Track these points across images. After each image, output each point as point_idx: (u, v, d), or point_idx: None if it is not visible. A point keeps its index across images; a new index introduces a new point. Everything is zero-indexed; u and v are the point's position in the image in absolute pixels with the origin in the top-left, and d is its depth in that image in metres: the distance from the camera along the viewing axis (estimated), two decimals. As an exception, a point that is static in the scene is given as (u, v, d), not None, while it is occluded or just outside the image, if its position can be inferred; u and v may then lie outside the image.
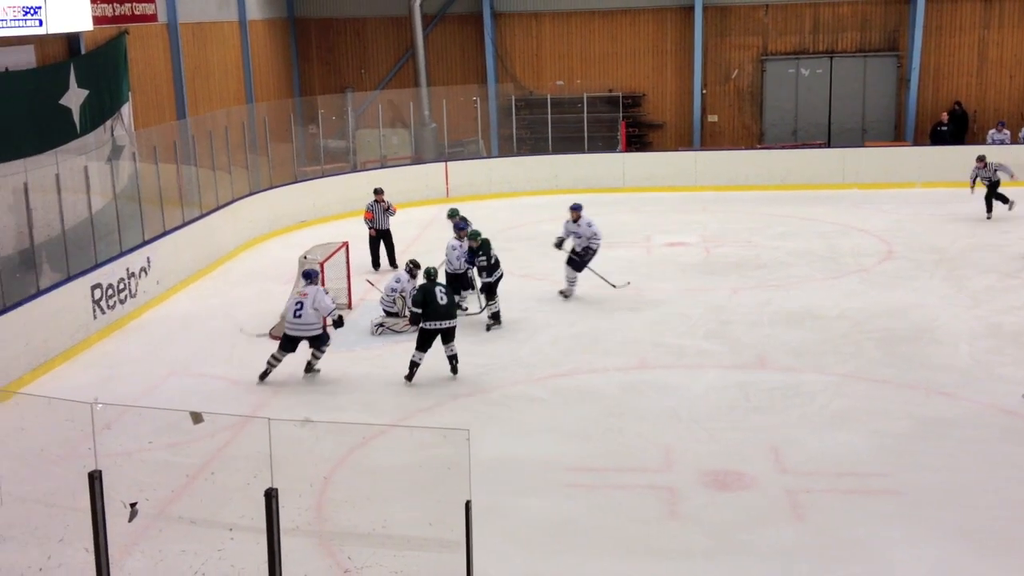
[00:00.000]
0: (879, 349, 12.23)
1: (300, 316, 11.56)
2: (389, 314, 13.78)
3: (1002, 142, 22.45)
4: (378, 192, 17.07)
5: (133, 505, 5.90)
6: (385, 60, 26.61)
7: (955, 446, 9.71)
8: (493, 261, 13.66)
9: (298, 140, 21.47)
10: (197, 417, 6.00)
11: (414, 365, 11.55)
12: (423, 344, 11.56)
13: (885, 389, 11.09)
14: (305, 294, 11.67)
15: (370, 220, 16.76)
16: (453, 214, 15.26)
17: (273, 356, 11.74)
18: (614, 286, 14.89)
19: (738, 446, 9.75)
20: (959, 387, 11.00)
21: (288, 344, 11.66)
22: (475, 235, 13.68)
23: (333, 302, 11.89)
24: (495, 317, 13.62)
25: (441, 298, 11.52)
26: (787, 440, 9.85)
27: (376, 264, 16.79)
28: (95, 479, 5.64)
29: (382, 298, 14.00)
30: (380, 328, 13.55)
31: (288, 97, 25.47)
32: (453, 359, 11.69)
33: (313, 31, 26.77)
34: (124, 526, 6.25)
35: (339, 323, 11.74)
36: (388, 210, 16.85)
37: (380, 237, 16.81)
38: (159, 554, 7.87)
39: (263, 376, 11.72)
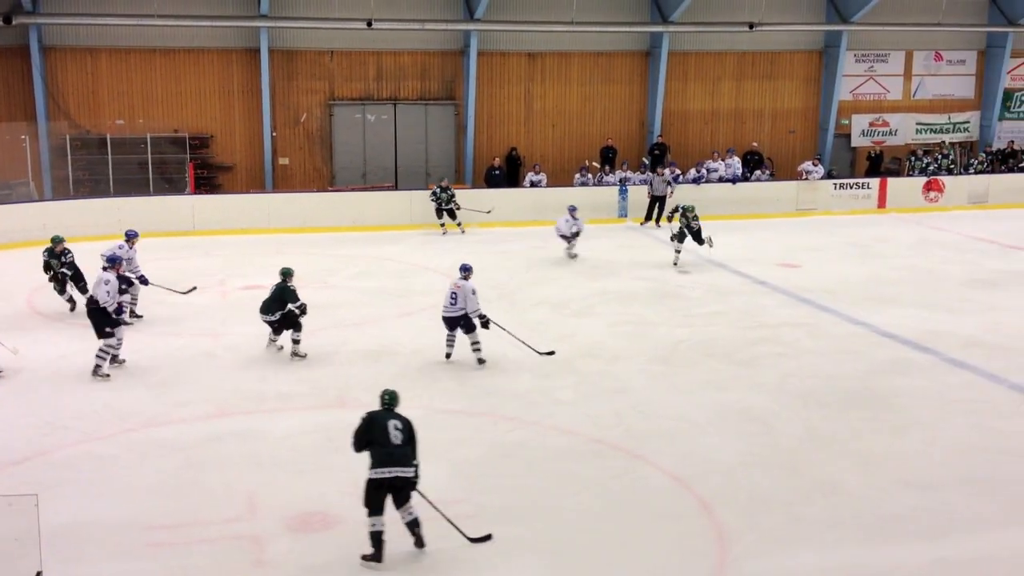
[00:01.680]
0: (452, 380, 12.88)
1: None
2: None
3: (538, 184, 25.19)
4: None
5: None
6: (-86, 92, 23.79)
7: (523, 465, 10.44)
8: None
9: None
10: None
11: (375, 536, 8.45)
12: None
13: (459, 419, 11.68)
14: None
15: None
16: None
17: None
18: None
19: (321, 487, 9.78)
20: (521, 412, 11.84)
21: None
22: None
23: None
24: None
25: (395, 435, 8.46)
26: (366, 476, 10.00)
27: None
28: None
29: None
30: None
31: None
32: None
33: None
34: None
35: None
36: None
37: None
38: None
39: None
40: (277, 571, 8.30)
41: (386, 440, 8.43)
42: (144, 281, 15.44)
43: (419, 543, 8.60)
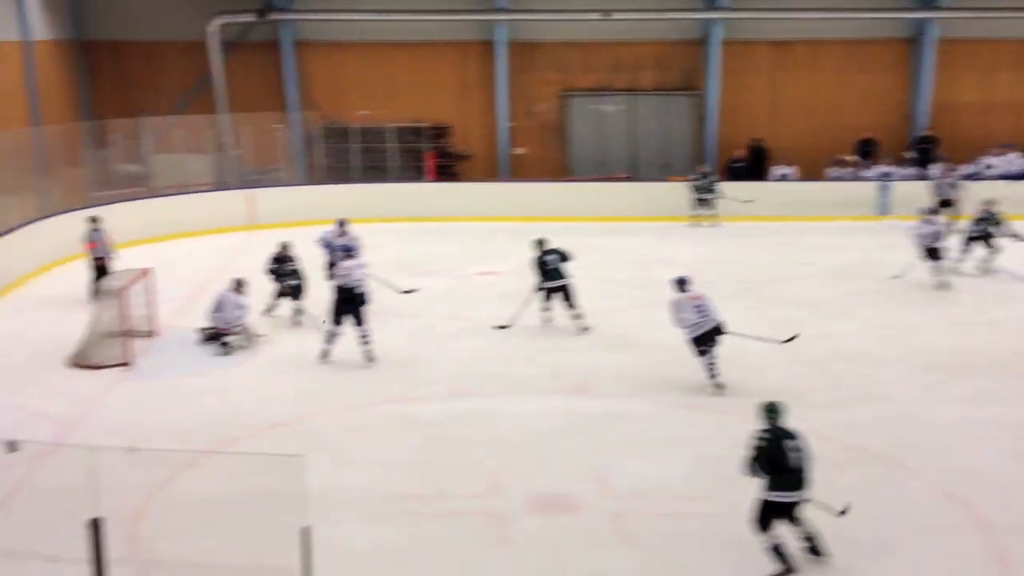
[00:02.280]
0: (696, 376, 12.50)
1: None
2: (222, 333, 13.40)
3: (785, 177, 23.98)
4: (96, 219, 15.98)
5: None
6: (181, 85, 25.51)
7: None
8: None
9: (89, 164, 20.35)
10: (12, 446, 5.45)
11: None
12: None
13: (701, 415, 11.32)
14: None
15: (96, 250, 15.68)
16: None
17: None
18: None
19: (563, 471, 9.73)
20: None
21: None
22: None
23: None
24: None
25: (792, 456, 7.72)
26: (610, 465, 9.91)
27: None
28: None
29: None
30: (224, 346, 13.31)
31: (78, 120, 24.07)
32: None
33: (104, 54, 25.43)
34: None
35: None
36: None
37: (103, 267, 15.64)
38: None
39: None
40: (522, 549, 8.30)
41: (786, 461, 7.67)
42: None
43: (816, 552, 7.92)
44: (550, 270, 14.23)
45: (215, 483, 9.20)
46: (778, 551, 7.69)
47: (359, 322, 12.86)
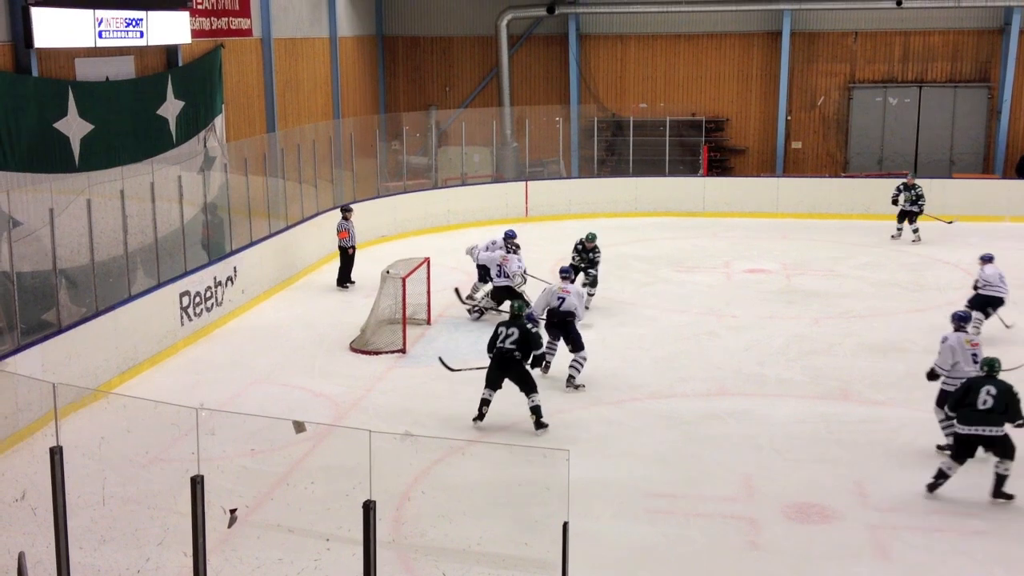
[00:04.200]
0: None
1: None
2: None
3: None
4: (349, 210, 16.96)
5: (233, 511, 6.02)
6: (470, 79, 26.90)
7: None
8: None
9: (382, 156, 21.78)
10: (300, 426, 6.11)
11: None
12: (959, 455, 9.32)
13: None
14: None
15: (345, 239, 16.69)
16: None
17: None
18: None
19: (820, 478, 9.65)
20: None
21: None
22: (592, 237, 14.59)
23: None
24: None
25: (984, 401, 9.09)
26: (870, 475, 9.72)
27: (349, 282, 16.74)
28: (197, 484, 5.78)
29: (472, 305, 14.67)
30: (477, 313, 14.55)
31: (374, 113, 25.87)
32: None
33: (400, 48, 27.18)
34: (223, 531, 6.37)
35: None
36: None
37: (351, 257, 16.79)
38: (255, 560, 7.99)
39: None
40: (772, 556, 8.33)
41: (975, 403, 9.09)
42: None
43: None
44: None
45: (480, 471, 9.75)
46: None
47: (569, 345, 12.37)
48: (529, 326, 10.91)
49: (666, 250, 19.31)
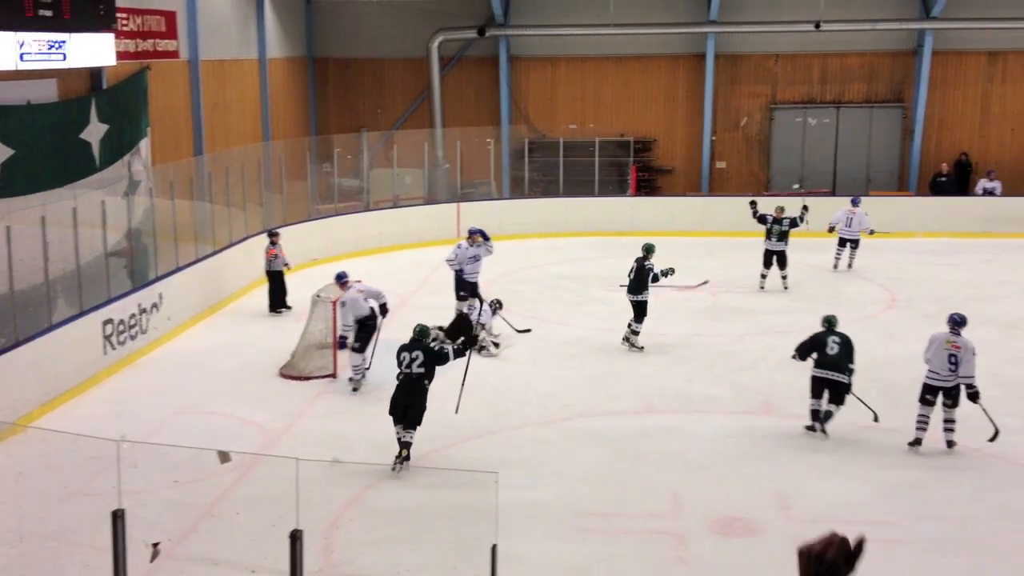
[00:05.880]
0: (884, 398, 12.32)
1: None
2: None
3: (991, 192, 23.04)
4: (276, 234, 17.01)
5: (156, 545, 5.98)
6: (401, 100, 26.95)
7: (961, 493, 9.81)
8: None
9: (313, 178, 21.71)
10: (225, 456, 6.11)
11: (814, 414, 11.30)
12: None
13: (890, 437, 11.19)
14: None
15: (273, 257, 16.66)
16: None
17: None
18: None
19: (745, 492, 9.86)
20: (960, 436, 11.00)
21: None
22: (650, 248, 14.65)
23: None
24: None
25: (831, 347, 11.24)
26: (793, 487, 9.97)
27: (285, 307, 16.62)
28: (118, 518, 5.74)
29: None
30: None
31: (305, 135, 25.76)
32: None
33: (332, 70, 27.15)
34: (145, 566, 6.31)
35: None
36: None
37: (283, 278, 16.77)
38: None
39: None
40: (699, 571, 8.51)
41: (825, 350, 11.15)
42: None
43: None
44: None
45: (410, 496, 9.77)
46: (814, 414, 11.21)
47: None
48: (433, 345, 10.76)
49: (596, 270, 19.53)
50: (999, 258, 20.02)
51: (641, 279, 14.38)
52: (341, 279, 13.29)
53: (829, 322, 11.57)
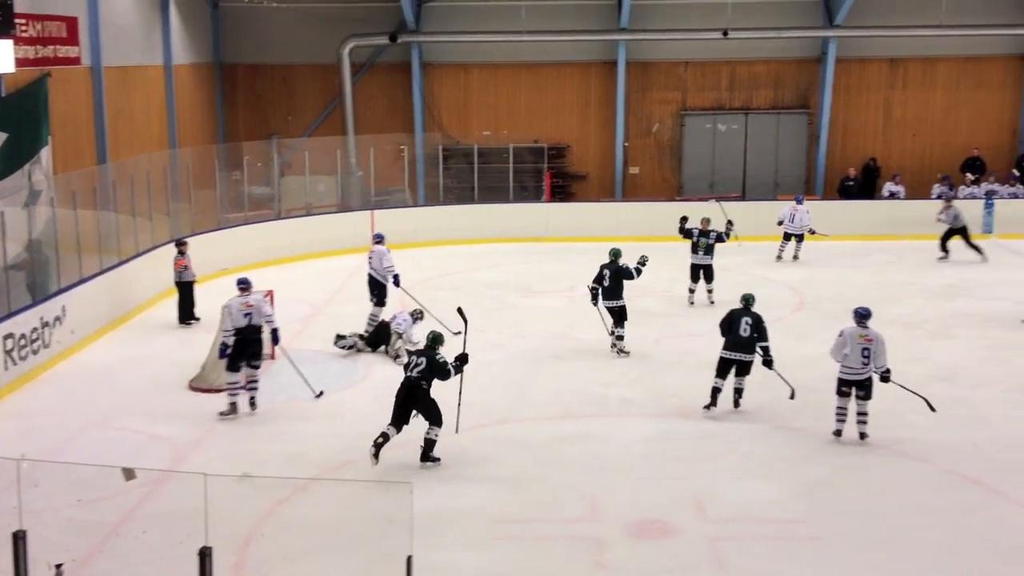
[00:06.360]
0: (794, 398, 12.55)
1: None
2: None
3: (896, 195, 23.90)
4: (184, 244, 16.68)
5: (59, 566, 5.77)
6: (313, 107, 26.61)
7: (871, 490, 10.01)
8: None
9: (222, 187, 21.32)
10: (130, 474, 5.92)
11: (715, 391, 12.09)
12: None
13: (801, 437, 11.39)
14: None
15: (183, 268, 16.32)
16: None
17: None
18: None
19: (661, 495, 9.93)
20: (870, 429, 11.21)
21: None
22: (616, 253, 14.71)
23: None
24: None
25: (744, 329, 12.02)
26: (708, 488, 10.07)
27: (193, 318, 16.31)
28: (19, 539, 5.52)
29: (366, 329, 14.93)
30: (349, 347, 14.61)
31: (213, 143, 25.28)
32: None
33: (240, 76, 26.69)
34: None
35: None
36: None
37: (192, 289, 16.44)
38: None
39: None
40: (617, 575, 8.50)
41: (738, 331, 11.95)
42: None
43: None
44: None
45: (323, 509, 9.59)
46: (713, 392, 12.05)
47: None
48: (438, 357, 10.76)
49: (513, 275, 19.56)
50: (903, 259, 20.58)
51: (619, 283, 14.42)
52: (240, 284, 12.84)
53: (746, 300, 12.29)
